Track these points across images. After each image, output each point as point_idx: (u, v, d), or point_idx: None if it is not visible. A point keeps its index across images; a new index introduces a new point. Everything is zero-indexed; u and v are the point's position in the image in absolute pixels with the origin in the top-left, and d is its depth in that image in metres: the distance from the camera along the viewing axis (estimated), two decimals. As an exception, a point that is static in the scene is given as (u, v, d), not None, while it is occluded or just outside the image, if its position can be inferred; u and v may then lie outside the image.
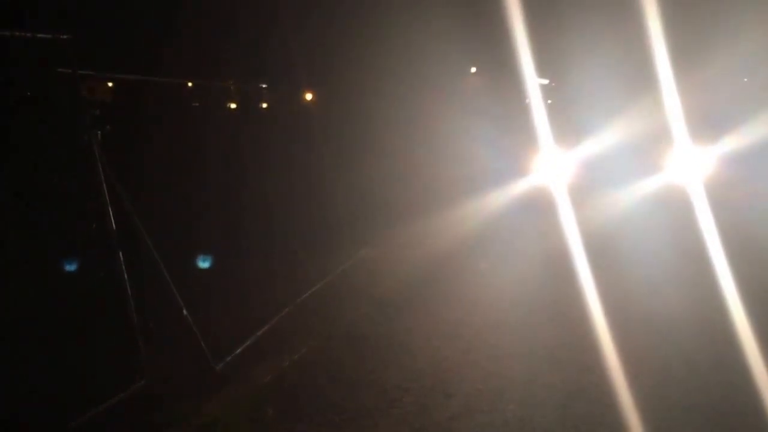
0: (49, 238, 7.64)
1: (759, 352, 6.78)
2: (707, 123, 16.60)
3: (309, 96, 14.64)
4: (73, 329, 6.83)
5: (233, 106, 13.16)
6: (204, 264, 9.59)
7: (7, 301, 6.64)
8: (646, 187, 15.87)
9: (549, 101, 20.14)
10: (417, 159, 16.66)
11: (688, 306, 8.38)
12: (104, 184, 6.74)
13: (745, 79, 21.80)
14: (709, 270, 9.27)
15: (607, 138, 17.12)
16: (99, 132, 7.43)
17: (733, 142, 16.36)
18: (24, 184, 7.57)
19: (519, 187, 16.62)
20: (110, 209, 6.77)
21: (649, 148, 16.65)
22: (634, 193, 15.57)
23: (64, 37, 6.53)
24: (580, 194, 14.46)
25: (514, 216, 14.89)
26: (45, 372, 6.21)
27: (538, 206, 14.67)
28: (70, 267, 7.87)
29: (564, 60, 20.01)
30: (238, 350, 7.46)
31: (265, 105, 14.94)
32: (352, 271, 11.09)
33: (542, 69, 18.25)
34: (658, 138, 16.09)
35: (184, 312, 6.97)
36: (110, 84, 9.98)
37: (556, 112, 18.29)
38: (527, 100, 16.52)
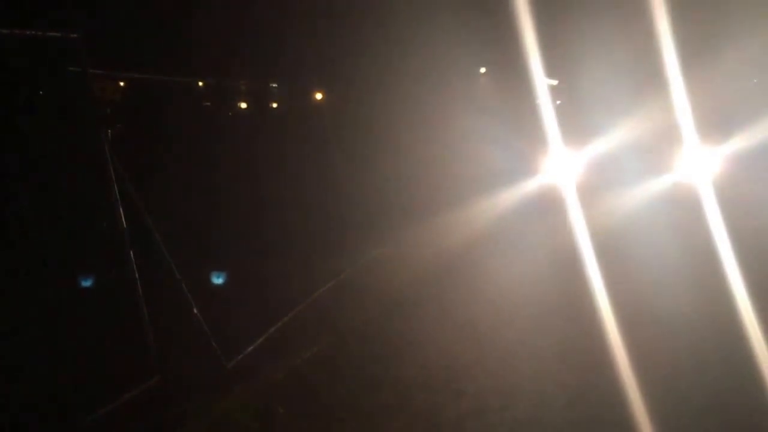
0: (61, 236, 7.68)
1: (769, 350, 6.77)
2: (716, 123, 16.55)
3: (320, 96, 14.65)
4: (86, 327, 6.88)
5: (244, 105, 13.19)
6: (216, 263, 9.61)
7: (19, 301, 6.69)
8: (655, 186, 15.83)
9: (558, 102, 20.09)
10: (428, 158, 16.66)
11: (698, 305, 8.33)
12: (115, 183, 6.75)
13: (755, 80, 21.72)
14: (719, 269, 9.22)
15: (616, 137, 17.07)
16: (109, 130, 7.45)
17: (742, 141, 16.30)
18: (35, 182, 7.62)
19: (529, 187, 16.59)
20: (121, 207, 6.78)
21: (658, 148, 16.60)
22: (644, 192, 15.53)
23: (75, 36, 6.53)
24: (590, 193, 14.41)
25: (524, 215, 14.87)
26: (62, 369, 6.25)
27: (548, 205, 14.62)
28: (82, 265, 7.92)
29: (573, 61, 19.97)
30: (250, 348, 7.48)
31: (275, 104, 14.97)
32: (364, 270, 11.10)
33: (551, 70, 18.20)
34: (668, 137, 16.05)
35: (195, 311, 6.97)
36: (121, 83, 10.02)
37: (565, 112, 18.23)
38: (537, 101, 16.49)
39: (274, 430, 5.88)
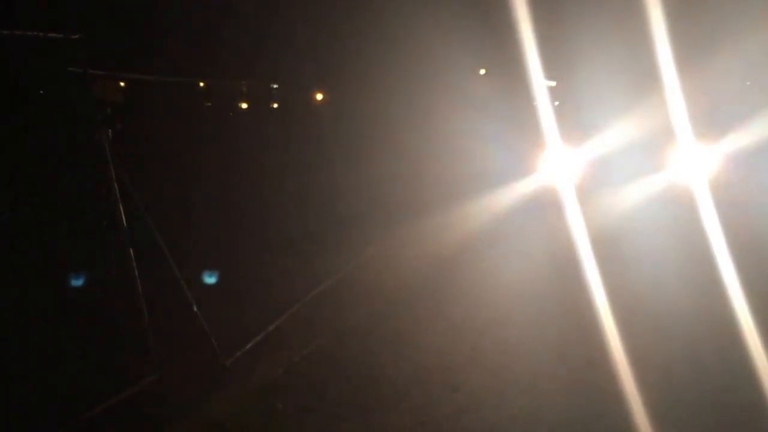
0: (61, 236, 7.73)
1: (764, 349, 6.80)
2: (711, 123, 16.60)
3: (320, 96, 14.66)
4: (85, 325, 6.92)
5: (244, 106, 13.21)
6: (215, 262, 9.64)
7: (17, 299, 6.73)
8: (651, 185, 15.86)
9: (556, 102, 20.14)
10: (426, 158, 16.71)
11: (694, 304, 8.38)
12: (115, 183, 6.80)
13: (748, 83, 21.76)
14: (715, 268, 9.27)
15: (613, 138, 17.14)
16: (110, 131, 7.49)
17: (737, 141, 16.34)
18: (36, 182, 7.67)
19: (526, 186, 16.62)
20: (121, 207, 6.82)
21: (654, 148, 16.65)
22: (640, 192, 15.56)
23: (75, 37, 6.57)
24: (587, 193, 14.45)
25: (521, 214, 14.89)
26: (59, 366, 6.30)
27: (545, 204, 14.67)
28: (82, 264, 7.97)
29: (571, 63, 20.04)
30: (248, 346, 7.52)
31: (275, 105, 15.00)
32: (360, 269, 11.12)
33: (550, 71, 18.29)
34: (663, 137, 16.10)
35: (194, 308, 7.02)
36: (122, 84, 10.06)
37: (562, 113, 18.28)
38: (535, 102, 16.55)
39: (273, 426, 5.92)
